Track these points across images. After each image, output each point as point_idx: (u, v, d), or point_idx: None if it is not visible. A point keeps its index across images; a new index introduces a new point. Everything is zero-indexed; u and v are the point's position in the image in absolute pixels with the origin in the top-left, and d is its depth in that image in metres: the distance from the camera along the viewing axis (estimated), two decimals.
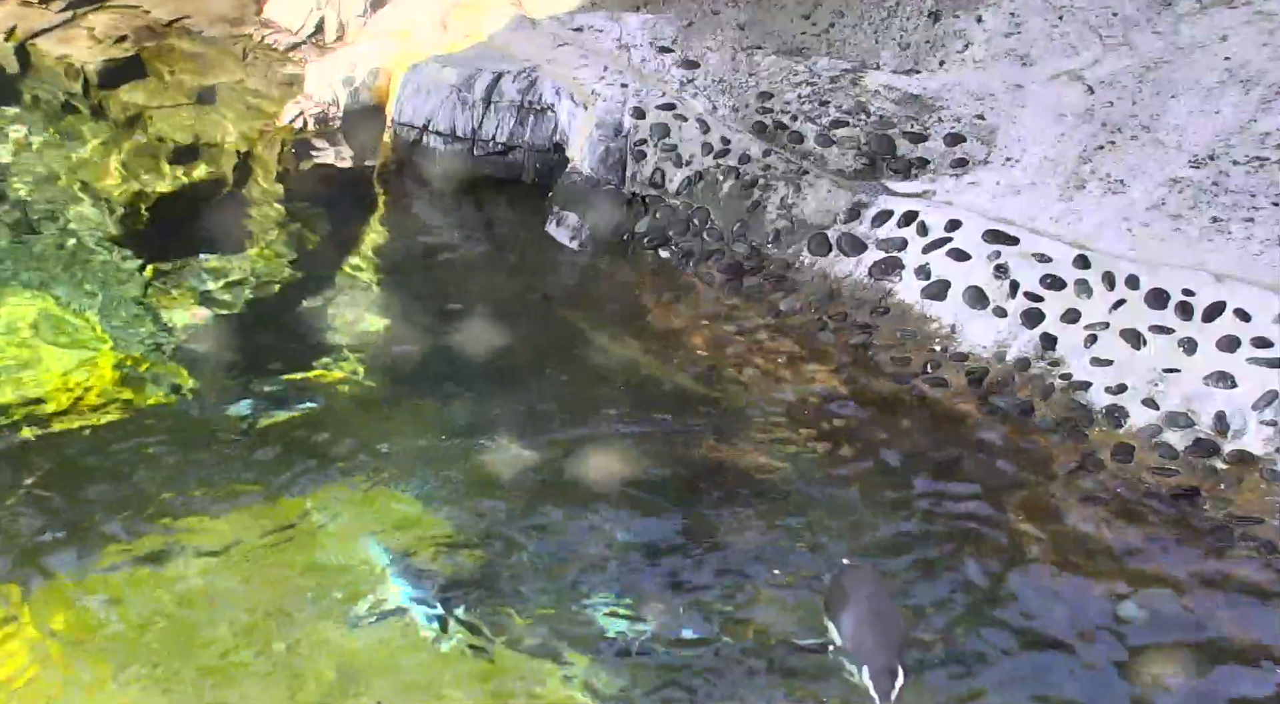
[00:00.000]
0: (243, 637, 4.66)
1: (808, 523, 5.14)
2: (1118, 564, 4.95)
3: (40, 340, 5.94)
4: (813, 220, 6.17)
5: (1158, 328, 5.46)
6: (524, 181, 6.83)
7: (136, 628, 4.68)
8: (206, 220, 6.77)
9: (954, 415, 5.53)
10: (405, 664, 4.60)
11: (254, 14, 8.18)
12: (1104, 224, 5.84)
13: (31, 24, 8.05)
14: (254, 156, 7.22)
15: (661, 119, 6.54)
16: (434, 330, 6.05)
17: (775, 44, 6.92)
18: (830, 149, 6.36)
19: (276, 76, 7.73)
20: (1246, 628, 4.73)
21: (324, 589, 4.83)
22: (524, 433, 5.48)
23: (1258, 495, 5.09)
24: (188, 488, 5.22)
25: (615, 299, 6.27)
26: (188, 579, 4.86)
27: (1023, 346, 5.62)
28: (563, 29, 7.10)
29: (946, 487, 5.28)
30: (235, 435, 5.51)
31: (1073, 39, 6.70)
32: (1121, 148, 6.18)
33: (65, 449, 5.38)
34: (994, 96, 6.53)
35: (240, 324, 6.14)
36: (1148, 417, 5.32)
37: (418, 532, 5.08)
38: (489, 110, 6.76)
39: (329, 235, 6.76)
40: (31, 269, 6.36)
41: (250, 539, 4.99)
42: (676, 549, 5.04)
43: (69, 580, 4.84)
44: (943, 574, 4.94)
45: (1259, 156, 6.01)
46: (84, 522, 5.06)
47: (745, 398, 5.69)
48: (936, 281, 5.84)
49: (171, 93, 7.65)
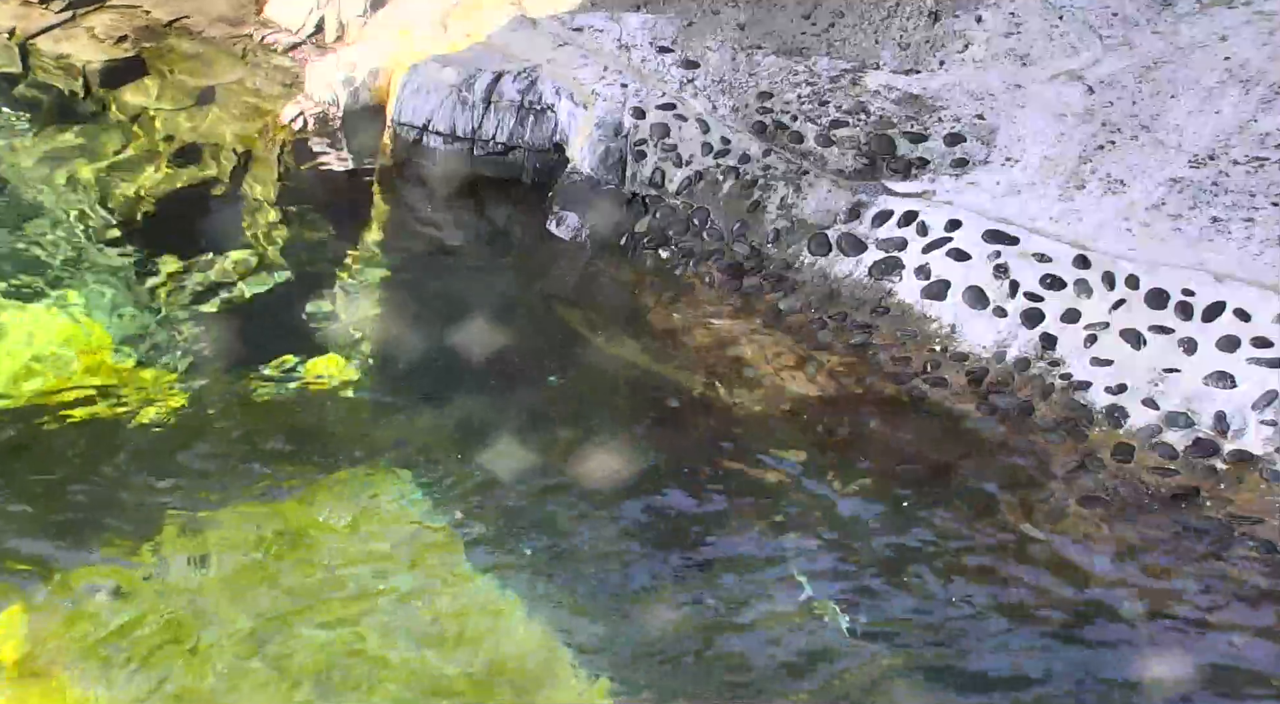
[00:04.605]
0: (241, 637, 4.66)
1: (808, 523, 5.14)
2: (1118, 564, 4.96)
3: (40, 340, 5.94)
4: (813, 220, 6.18)
5: (1158, 328, 5.47)
6: (524, 182, 6.83)
7: (133, 629, 4.69)
8: (206, 220, 6.77)
9: (954, 415, 5.53)
10: (405, 665, 4.60)
11: (254, 14, 8.18)
12: (1104, 224, 5.85)
13: (31, 24, 8.05)
14: (254, 156, 7.22)
15: (661, 119, 6.54)
16: (434, 330, 6.05)
17: (775, 44, 6.92)
18: (830, 149, 6.36)
19: (276, 76, 7.73)
20: (1246, 628, 4.73)
21: (324, 589, 4.83)
22: (524, 433, 5.49)
23: (1258, 495, 5.09)
24: (187, 488, 5.24)
25: (615, 299, 6.27)
26: (187, 579, 4.87)
27: (1023, 346, 5.62)
28: (563, 29, 7.10)
29: (946, 486, 5.29)
30: (235, 435, 5.51)
31: (1073, 39, 6.70)
32: (1121, 148, 6.18)
33: (65, 449, 5.39)
34: (994, 96, 6.53)
35: (240, 324, 6.14)
36: (1148, 416, 5.32)
37: (417, 531, 5.08)
38: (489, 110, 6.76)
39: (329, 235, 6.76)
40: (32, 269, 6.36)
41: (249, 539, 5.00)
42: (677, 549, 5.05)
43: (67, 581, 4.85)
44: (943, 574, 4.94)
45: (1259, 156, 6.01)
46: (81, 521, 5.06)
47: (745, 398, 5.69)
48: (936, 281, 5.84)
49: (171, 93, 7.65)
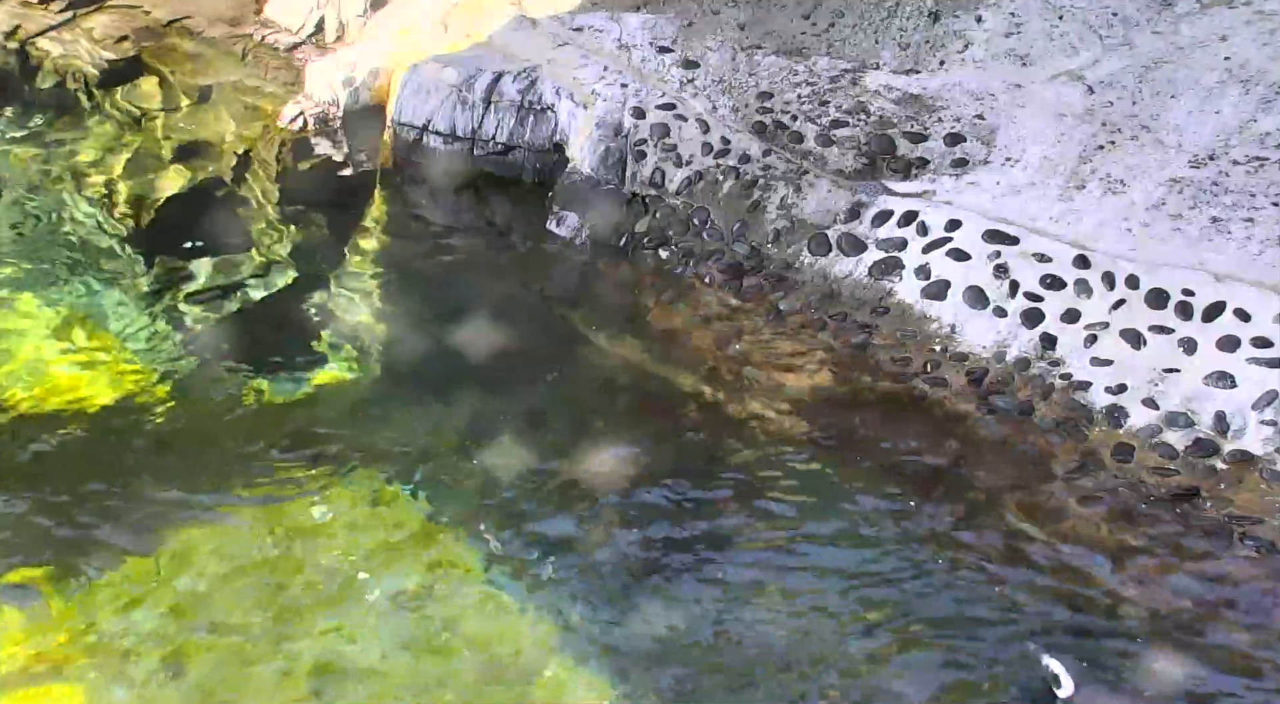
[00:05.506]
0: (241, 637, 4.66)
1: (807, 522, 5.14)
2: (1118, 564, 4.96)
3: (41, 340, 5.94)
4: (813, 220, 6.17)
5: (1158, 328, 5.47)
6: (524, 181, 6.83)
7: (138, 627, 4.69)
8: (207, 220, 6.77)
9: (954, 415, 5.53)
10: (405, 664, 4.60)
11: (254, 14, 8.18)
12: (1104, 224, 5.85)
13: (32, 24, 8.06)
14: (254, 156, 7.22)
15: (661, 119, 6.54)
16: (434, 330, 6.05)
17: (775, 44, 6.92)
18: (830, 149, 6.36)
19: (277, 76, 7.73)
20: (1247, 628, 4.73)
21: (324, 589, 4.84)
22: (524, 432, 5.49)
23: (1258, 495, 5.09)
24: (189, 487, 5.24)
25: (615, 299, 6.27)
26: (190, 578, 4.87)
27: (1023, 346, 5.62)
28: (563, 29, 7.10)
29: (946, 487, 5.29)
30: (235, 435, 5.51)
31: (1073, 39, 6.70)
32: (1121, 148, 6.18)
33: (65, 449, 5.39)
34: (994, 96, 6.53)
35: (240, 323, 6.14)
36: (1148, 417, 5.32)
37: (417, 531, 5.08)
38: (489, 110, 6.76)
39: (329, 235, 6.76)
40: (33, 269, 6.36)
41: (251, 539, 5.00)
42: (677, 549, 5.05)
43: (67, 581, 4.85)
44: (943, 574, 4.94)
45: (1259, 156, 6.01)
46: (85, 521, 5.07)
47: (745, 398, 5.69)
48: (936, 281, 5.84)
49: (171, 93, 7.65)
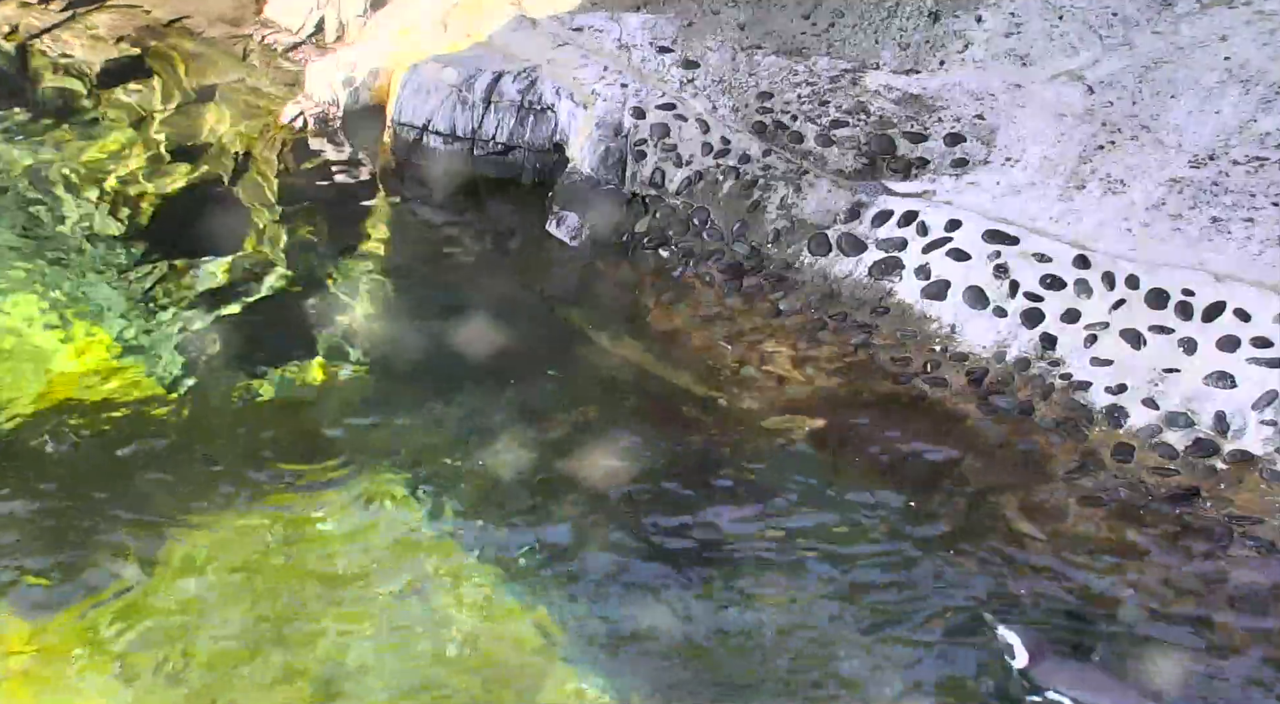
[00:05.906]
0: (241, 637, 4.66)
1: (807, 522, 5.14)
2: (1118, 564, 4.95)
3: (41, 340, 5.94)
4: (813, 220, 6.17)
5: (1158, 328, 5.46)
6: (524, 181, 6.83)
7: (134, 630, 4.69)
8: (207, 220, 6.77)
9: (954, 415, 5.53)
10: (405, 664, 4.60)
11: (254, 14, 8.18)
12: (1104, 224, 5.84)
13: (32, 24, 8.06)
14: (254, 156, 7.22)
15: (661, 119, 6.54)
16: (434, 330, 6.05)
17: (775, 44, 6.92)
18: (830, 149, 6.36)
19: (277, 76, 7.73)
20: (1246, 628, 4.73)
21: (323, 589, 4.83)
22: (524, 432, 5.49)
23: (1258, 495, 5.09)
24: (189, 488, 5.23)
25: (615, 299, 6.27)
26: (190, 578, 4.86)
27: (1023, 346, 5.62)
28: (563, 29, 7.10)
29: (946, 487, 5.28)
30: (234, 435, 5.51)
31: (1073, 39, 6.70)
32: (1121, 148, 6.18)
33: (65, 450, 5.39)
34: (994, 96, 6.53)
35: (240, 323, 6.14)
36: (1148, 417, 5.32)
37: (417, 531, 5.08)
38: (489, 110, 6.76)
39: (329, 235, 6.75)
40: (33, 269, 6.36)
41: (250, 539, 5.00)
42: (676, 549, 5.05)
43: (68, 582, 4.85)
44: (942, 575, 4.94)
45: (1259, 156, 6.00)
46: (85, 521, 5.06)
47: (745, 398, 5.69)
48: (936, 281, 5.84)
49: (172, 93, 7.65)
